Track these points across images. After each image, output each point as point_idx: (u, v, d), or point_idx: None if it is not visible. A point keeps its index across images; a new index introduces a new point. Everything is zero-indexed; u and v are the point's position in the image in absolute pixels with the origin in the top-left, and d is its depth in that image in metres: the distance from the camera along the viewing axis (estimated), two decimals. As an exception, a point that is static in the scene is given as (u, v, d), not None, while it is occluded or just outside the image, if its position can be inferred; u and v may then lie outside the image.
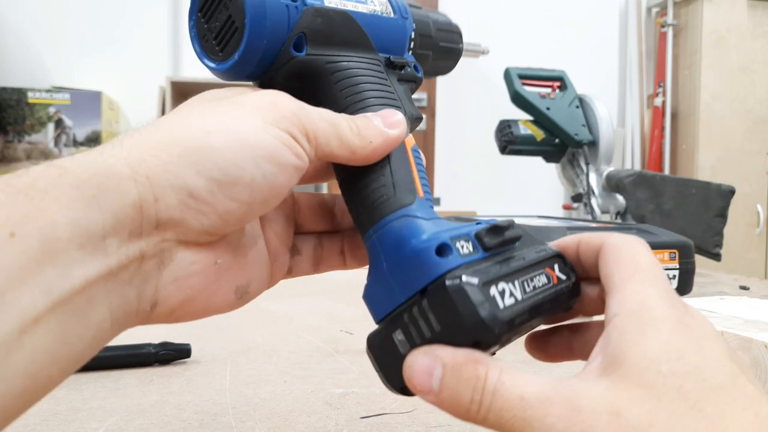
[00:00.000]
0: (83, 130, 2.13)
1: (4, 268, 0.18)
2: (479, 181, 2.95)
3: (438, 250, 0.24)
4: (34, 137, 2.10)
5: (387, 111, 0.29)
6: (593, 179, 1.23)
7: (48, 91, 2.13)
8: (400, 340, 0.24)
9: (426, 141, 2.66)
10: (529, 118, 1.27)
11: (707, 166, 2.74)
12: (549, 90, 1.28)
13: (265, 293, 0.33)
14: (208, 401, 0.43)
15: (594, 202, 1.22)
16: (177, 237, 0.23)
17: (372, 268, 0.27)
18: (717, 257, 1.03)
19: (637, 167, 2.93)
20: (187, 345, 0.52)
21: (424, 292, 0.24)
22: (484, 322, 0.22)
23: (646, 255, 0.25)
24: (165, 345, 0.51)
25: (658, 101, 2.91)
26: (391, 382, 0.25)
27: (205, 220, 0.23)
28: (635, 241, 0.26)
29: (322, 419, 0.40)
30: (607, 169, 1.23)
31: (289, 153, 0.24)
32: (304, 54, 0.28)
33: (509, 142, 1.23)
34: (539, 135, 1.24)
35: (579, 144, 1.23)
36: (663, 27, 2.93)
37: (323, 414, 0.41)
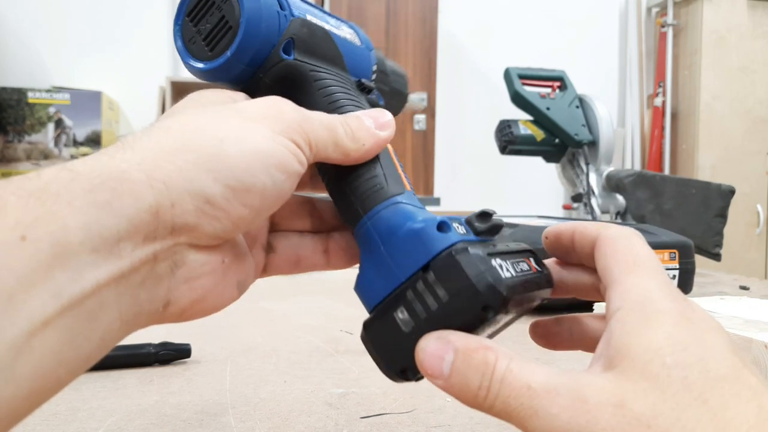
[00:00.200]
0: (83, 130, 2.13)
1: (13, 271, 0.18)
2: (479, 181, 2.95)
3: (438, 227, 0.25)
4: (34, 137, 2.10)
5: (377, 111, 0.30)
6: (593, 179, 1.23)
7: (48, 91, 2.13)
8: (403, 319, 0.25)
9: (426, 141, 2.66)
10: (529, 118, 1.27)
11: (707, 166, 2.74)
12: (549, 90, 1.28)
13: (265, 293, 0.33)
14: (208, 401, 0.43)
15: (594, 202, 1.22)
16: (190, 241, 0.23)
17: (366, 256, 0.28)
18: (717, 257, 1.03)
19: (637, 167, 2.93)
20: (187, 345, 0.52)
21: (427, 268, 0.24)
22: (493, 286, 0.23)
23: (643, 247, 0.25)
24: (165, 345, 0.51)
25: (658, 101, 2.91)
26: (389, 366, 0.25)
27: (219, 225, 0.23)
28: (631, 233, 0.26)
29: (322, 419, 0.40)
30: (607, 169, 1.23)
31: (294, 161, 0.25)
32: (292, 58, 0.29)
33: (509, 142, 1.24)
34: (539, 135, 1.24)
35: (579, 144, 1.23)
36: (663, 27, 2.93)
37: (323, 414, 0.41)
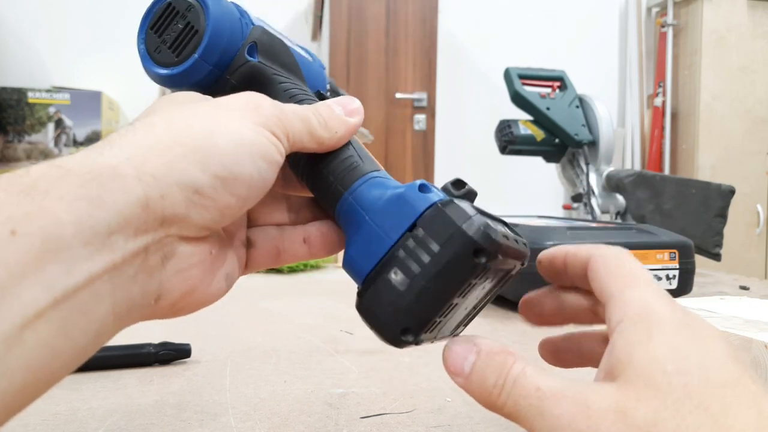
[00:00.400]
0: (83, 130, 2.14)
1: (5, 265, 0.18)
2: (479, 181, 2.94)
3: (420, 188, 0.27)
4: (34, 137, 2.10)
5: (345, 99, 0.31)
6: (593, 179, 1.23)
7: (48, 91, 2.13)
8: (397, 279, 0.25)
9: (426, 141, 2.66)
10: (529, 118, 1.27)
11: (707, 166, 2.74)
12: (549, 90, 1.28)
13: (266, 293, 0.33)
14: (208, 401, 0.43)
15: (594, 202, 1.21)
16: (179, 232, 0.24)
17: (351, 230, 0.28)
18: (717, 257, 1.03)
19: (637, 167, 2.93)
20: (187, 345, 0.52)
21: (414, 227, 0.26)
22: (482, 229, 0.24)
23: (634, 263, 0.26)
24: (165, 345, 0.51)
25: (658, 101, 2.91)
26: (390, 329, 0.26)
27: (207, 215, 0.24)
28: (620, 250, 0.27)
29: (322, 419, 0.40)
30: (607, 169, 1.23)
31: (275, 151, 0.26)
32: (256, 60, 0.31)
33: (509, 142, 1.24)
34: (539, 135, 1.24)
35: (579, 144, 1.23)
36: (663, 27, 2.93)
37: (323, 414, 0.41)
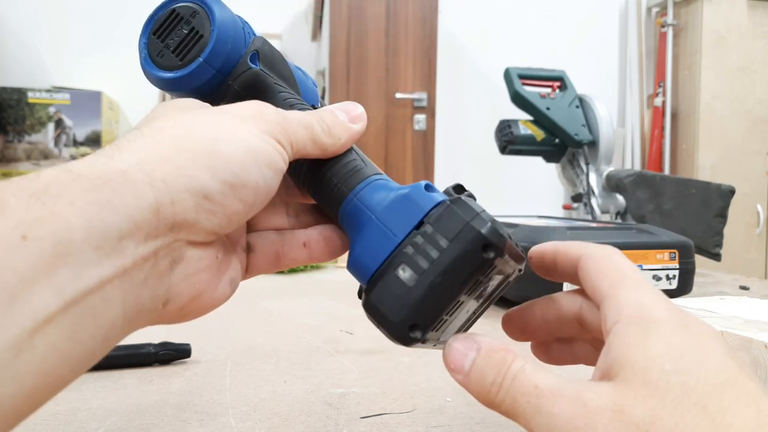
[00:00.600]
0: (83, 130, 2.13)
1: (16, 269, 0.18)
2: (479, 181, 2.95)
3: (426, 188, 0.27)
4: (34, 137, 2.10)
5: (348, 104, 0.31)
6: (593, 179, 1.23)
7: (48, 91, 2.13)
8: (405, 275, 0.25)
9: (426, 141, 2.66)
10: (529, 118, 1.27)
11: (707, 166, 2.74)
12: (549, 90, 1.28)
13: (266, 293, 0.33)
14: (208, 401, 0.43)
15: (594, 202, 1.21)
16: (188, 237, 0.24)
17: (357, 230, 0.28)
18: (717, 257, 1.03)
19: (637, 167, 2.93)
20: (187, 345, 0.52)
21: (421, 225, 0.26)
22: (491, 225, 0.25)
23: (626, 262, 0.26)
24: (165, 345, 0.51)
25: (658, 101, 2.91)
26: (398, 326, 0.26)
27: (216, 220, 0.24)
28: (612, 250, 0.27)
29: (322, 419, 0.40)
30: (607, 169, 1.23)
31: (280, 159, 0.26)
32: (258, 67, 0.31)
33: (509, 142, 1.24)
34: (539, 135, 1.24)
35: (579, 144, 1.23)
36: (663, 27, 2.93)
37: (323, 414, 0.41)
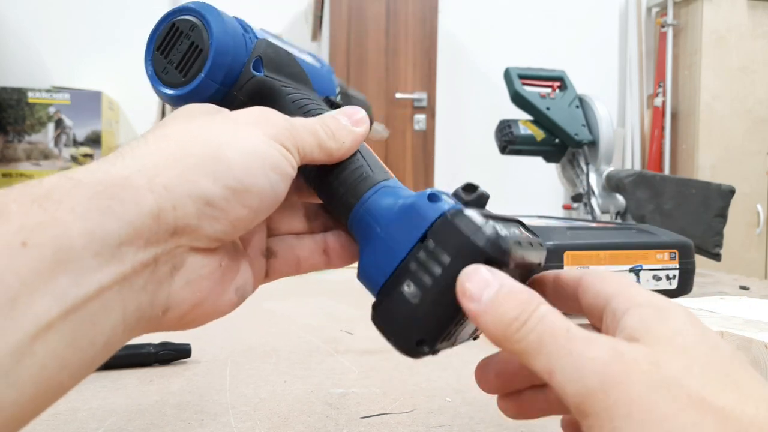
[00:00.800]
0: (83, 130, 2.13)
1: (17, 275, 0.18)
2: (479, 181, 2.93)
3: (429, 198, 0.27)
4: (34, 137, 2.10)
5: (350, 109, 0.31)
6: (593, 179, 1.22)
7: (48, 91, 2.13)
8: (410, 291, 0.25)
9: (426, 141, 2.66)
10: (529, 118, 1.27)
11: (707, 166, 2.74)
12: (549, 90, 1.28)
13: (266, 293, 0.33)
14: (208, 401, 0.43)
15: (594, 202, 1.21)
16: (189, 243, 0.24)
17: (364, 242, 0.28)
18: (717, 257, 1.03)
19: (637, 167, 2.93)
20: (187, 345, 0.52)
21: (425, 238, 0.25)
22: (492, 239, 0.24)
23: (626, 278, 0.27)
24: (165, 345, 0.51)
25: (658, 101, 2.91)
26: (405, 340, 0.26)
27: (219, 226, 0.24)
28: (610, 272, 0.28)
29: (322, 419, 0.40)
30: (607, 169, 1.23)
31: (287, 164, 0.26)
32: (262, 74, 0.30)
33: (509, 142, 1.23)
34: (539, 135, 1.24)
35: (579, 144, 1.22)
36: (663, 27, 2.93)
37: (323, 414, 0.41)
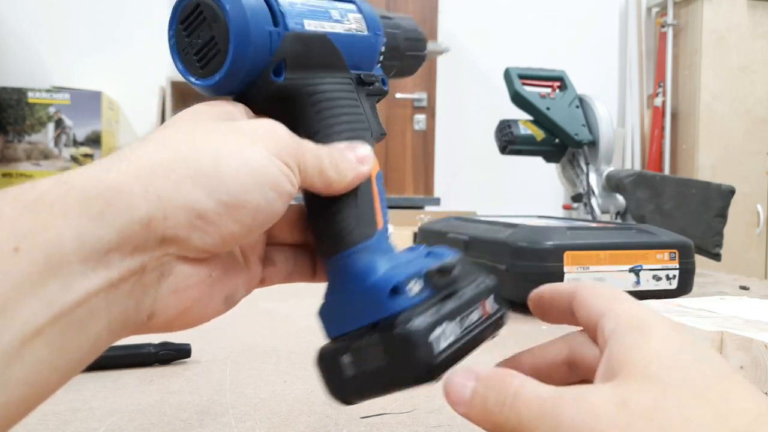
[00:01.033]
0: (83, 130, 2.13)
1: (8, 280, 0.18)
2: (479, 181, 2.95)
3: (392, 290, 0.27)
4: (34, 137, 2.10)
5: (359, 145, 0.30)
6: (593, 179, 1.22)
7: (48, 91, 2.13)
8: (347, 363, 0.27)
9: (426, 141, 2.66)
10: (529, 118, 1.27)
11: (707, 166, 2.74)
12: (549, 90, 1.28)
13: (265, 293, 0.33)
14: (208, 401, 0.43)
15: (594, 202, 1.21)
16: (178, 252, 0.24)
17: (330, 290, 0.29)
18: (717, 257, 1.03)
19: (637, 167, 2.93)
20: (187, 345, 0.52)
21: (376, 326, 0.27)
22: (426, 364, 0.26)
23: (618, 289, 0.28)
24: (165, 345, 0.51)
25: (658, 101, 2.91)
26: (335, 394, 0.28)
27: (209, 239, 0.24)
28: (602, 284, 0.28)
29: (322, 419, 0.40)
30: (607, 169, 1.23)
31: (287, 182, 0.26)
32: (282, 79, 0.29)
33: (509, 142, 1.23)
34: (539, 135, 1.24)
35: (579, 144, 1.22)
36: (663, 27, 2.93)
37: (323, 414, 0.41)
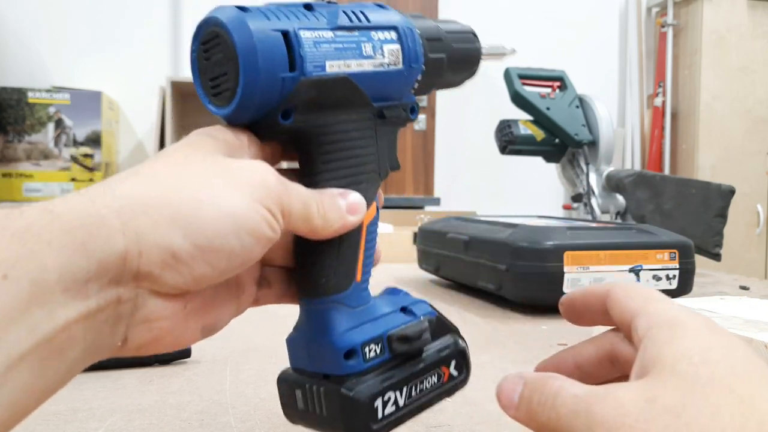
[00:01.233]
0: (83, 130, 2.13)
1: None
2: (479, 181, 2.94)
3: (347, 353, 0.28)
4: (34, 137, 2.10)
5: (351, 194, 0.30)
6: (593, 179, 1.23)
7: (48, 91, 2.13)
8: (300, 398, 0.30)
9: (426, 141, 2.66)
10: (529, 118, 1.27)
11: (707, 166, 2.74)
12: (549, 90, 1.28)
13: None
14: (208, 401, 0.43)
15: (594, 202, 1.22)
16: (151, 287, 0.24)
17: (299, 324, 0.31)
18: (717, 257, 1.03)
19: (637, 167, 2.93)
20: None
21: (328, 377, 0.29)
22: (364, 431, 0.28)
23: (650, 289, 0.29)
24: (165, 345, 0.51)
25: (658, 101, 2.91)
26: (287, 416, 0.31)
27: (180, 278, 0.24)
28: (634, 283, 0.29)
29: (322, 419, 0.40)
30: (607, 169, 1.23)
31: (267, 227, 0.26)
32: (290, 122, 0.29)
33: (509, 142, 1.23)
34: (539, 135, 1.24)
35: (579, 144, 1.23)
36: (663, 27, 2.93)
37: (323, 414, 0.41)
